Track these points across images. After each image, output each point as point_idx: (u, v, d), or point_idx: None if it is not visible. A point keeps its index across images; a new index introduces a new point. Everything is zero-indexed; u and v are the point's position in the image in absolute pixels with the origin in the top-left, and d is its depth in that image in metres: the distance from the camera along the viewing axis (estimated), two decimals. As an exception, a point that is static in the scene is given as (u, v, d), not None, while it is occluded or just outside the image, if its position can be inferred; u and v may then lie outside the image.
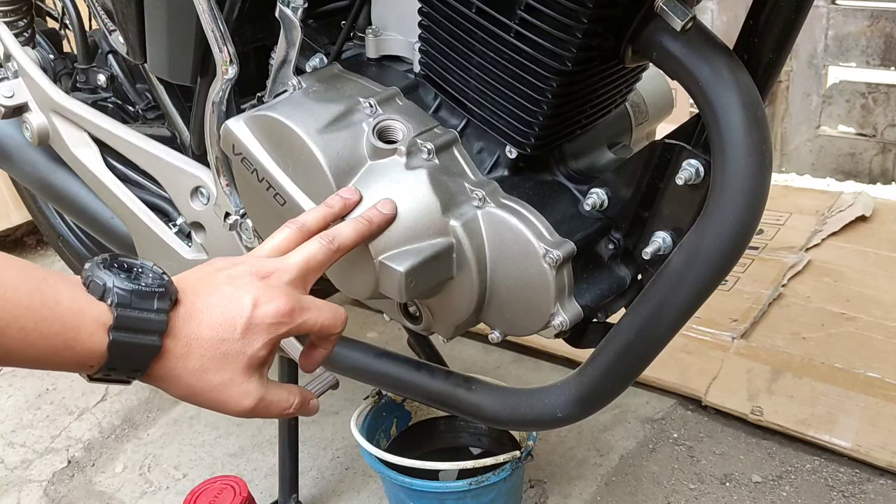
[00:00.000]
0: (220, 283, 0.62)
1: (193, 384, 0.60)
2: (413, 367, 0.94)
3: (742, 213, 0.66)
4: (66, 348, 0.54)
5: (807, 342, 1.48)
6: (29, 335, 0.53)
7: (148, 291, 0.57)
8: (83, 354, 0.55)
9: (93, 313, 0.55)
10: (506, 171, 0.81)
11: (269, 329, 0.61)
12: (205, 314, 0.60)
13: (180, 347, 0.59)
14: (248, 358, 0.61)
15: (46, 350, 0.54)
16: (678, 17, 0.66)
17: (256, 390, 0.62)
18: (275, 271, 0.64)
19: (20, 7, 1.25)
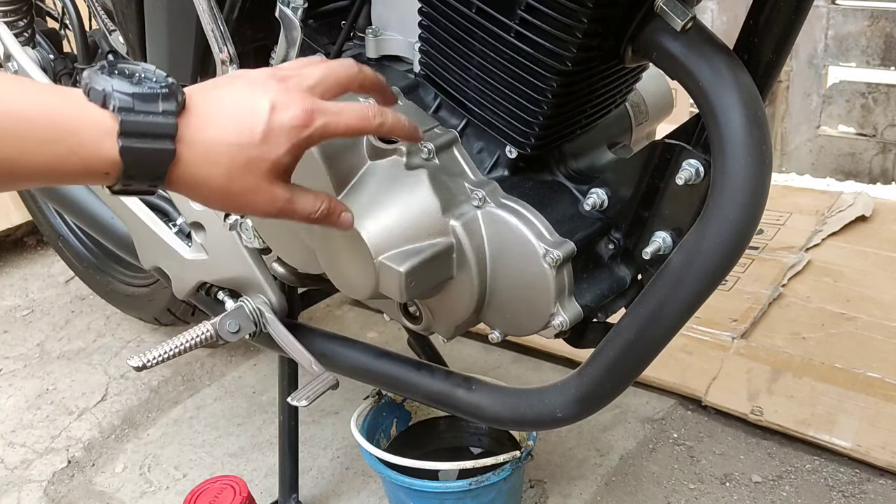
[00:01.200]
0: (235, 84, 0.60)
1: (219, 190, 0.59)
2: (413, 367, 0.94)
3: (742, 213, 0.66)
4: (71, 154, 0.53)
5: (807, 342, 1.48)
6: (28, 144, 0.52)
7: (151, 94, 0.54)
8: (91, 162, 0.54)
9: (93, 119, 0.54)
10: (506, 171, 0.81)
11: (289, 133, 0.59)
12: (222, 119, 0.58)
13: (198, 153, 0.57)
14: (271, 163, 0.59)
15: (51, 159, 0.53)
16: (678, 17, 0.66)
17: (282, 194, 0.62)
18: (294, 76, 0.62)
19: (20, 7, 1.25)
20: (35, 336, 1.83)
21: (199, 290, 1.08)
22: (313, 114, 0.60)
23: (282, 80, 0.61)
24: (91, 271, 1.77)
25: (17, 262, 2.16)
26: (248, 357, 1.68)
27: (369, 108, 0.65)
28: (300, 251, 0.90)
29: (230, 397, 1.57)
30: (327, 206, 0.66)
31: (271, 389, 1.57)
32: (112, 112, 0.54)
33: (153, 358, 0.95)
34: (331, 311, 1.82)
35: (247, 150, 0.58)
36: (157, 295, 1.61)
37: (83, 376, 1.66)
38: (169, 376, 1.64)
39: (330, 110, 0.62)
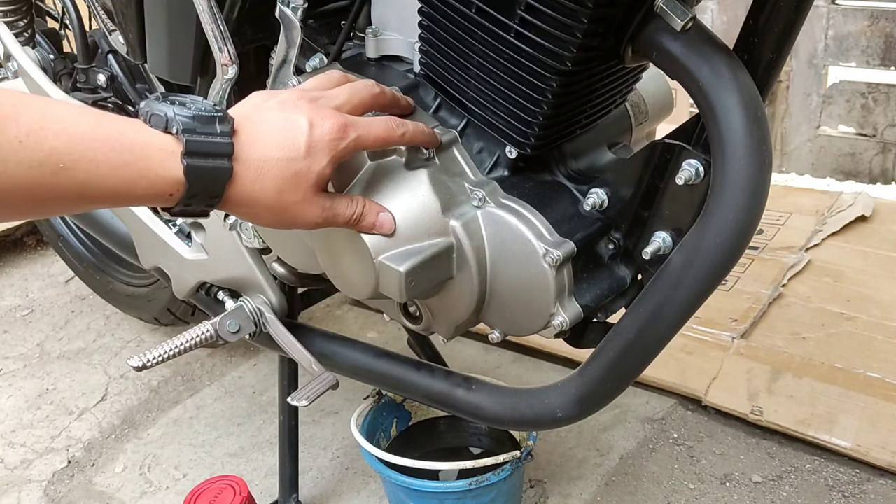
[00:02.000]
0: (271, 108, 0.65)
1: (272, 204, 0.64)
2: (413, 367, 0.94)
3: (742, 213, 0.66)
4: (141, 177, 0.56)
5: (807, 342, 1.48)
6: (100, 167, 0.54)
7: (209, 116, 0.59)
8: (159, 183, 0.57)
9: (159, 142, 0.57)
10: (506, 171, 0.80)
11: (329, 146, 0.64)
12: (267, 137, 0.62)
13: (252, 171, 0.61)
14: (316, 175, 0.64)
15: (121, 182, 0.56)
16: (678, 17, 0.66)
17: (325, 202, 0.67)
18: (322, 97, 0.68)
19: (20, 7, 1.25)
20: (35, 336, 1.83)
21: (199, 290, 1.09)
22: (347, 127, 0.66)
23: (312, 100, 0.66)
24: (91, 271, 1.77)
25: (17, 262, 2.16)
26: (248, 357, 1.68)
27: (392, 120, 0.71)
28: (300, 251, 0.90)
29: (230, 397, 1.57)
30: (362, 207, 0.71)
31: (271, 389, 1.57)
32: (175, 135, 0.58)
33: (153, 358, 0.95)
34: (331, 311, 1.82)
35: (294, 164, 0.63)
36: (157, 295, 1.61)
37: (83, 376, 1.66)
38: (169, 376, 1.64)
39: (361, 124, 0.67)
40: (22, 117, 0.52)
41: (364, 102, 0.71)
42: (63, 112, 0.54)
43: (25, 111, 0.52)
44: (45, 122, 0.53)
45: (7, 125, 0.51)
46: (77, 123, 0.54)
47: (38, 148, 0.52)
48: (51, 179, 0.53)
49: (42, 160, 0.52)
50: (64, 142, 0.53)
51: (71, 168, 0.53)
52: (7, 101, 0.52)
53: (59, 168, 0.53)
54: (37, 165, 0.52)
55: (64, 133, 0.53)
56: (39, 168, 0.52)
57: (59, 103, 0.56)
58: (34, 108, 0.53)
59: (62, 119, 0.54)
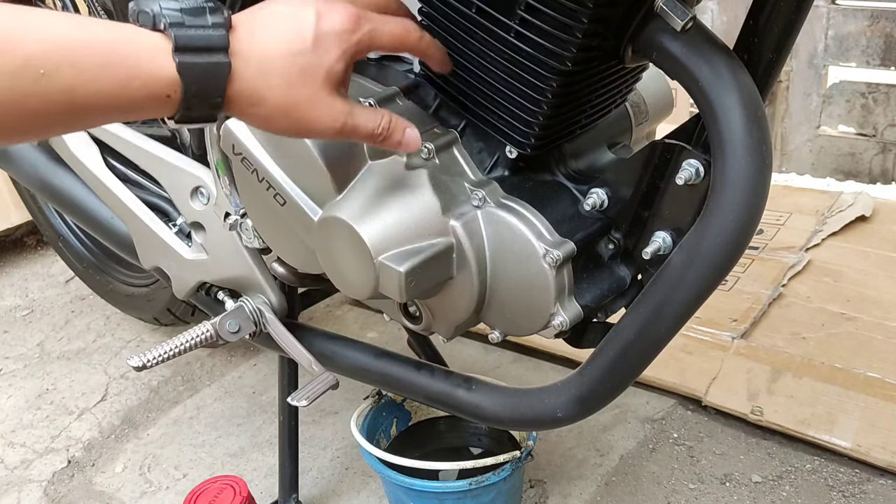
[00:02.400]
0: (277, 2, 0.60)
1: (281, 102, 0.59)
2: (413, 367, 0.94)
3: (742, 213, 0.66)
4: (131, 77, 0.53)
5: (807, 342, 1.48)
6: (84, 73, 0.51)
7: (198, 7, 0.55)
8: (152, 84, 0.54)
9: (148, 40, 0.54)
10: (506, 171, 0.81)
11: (339, 38, 0.60)
12: (269, 29, 0.58)
13: (253, 66, 0.57)
14: (325, 71, 0.59)
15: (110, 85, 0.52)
16: (678, 17, 0.66)
17: (343, 107, 0.62)
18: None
19: (20, 7, 1.25)
20: (35, 336, 1.83)
21: (199, 290, 1.09)
22: (360, 19, 0.61)
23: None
24: (91, 271, 1.77)
25: (17, 262, 2.16)
26: (248, 357, 1.68)
27: (410, 22, 0.66)
28: (300, 251, 0.90)
29: (230, 397, 1.57)
30: (388, 121, 0.65)
31: (271, 389, 1.57)
32: (164, 31, 0.54)
33: (153, 358, 0.95)
34: (331, 311, 1.82)
35: (300, 57, 0.58)
36: (157, 295, 1.61)
37: (83, 376, 1.66)
38: (169, 376, 1.64)
39: (375, 17, 0.63)
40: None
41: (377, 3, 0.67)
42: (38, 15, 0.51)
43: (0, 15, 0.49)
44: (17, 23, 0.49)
45: None
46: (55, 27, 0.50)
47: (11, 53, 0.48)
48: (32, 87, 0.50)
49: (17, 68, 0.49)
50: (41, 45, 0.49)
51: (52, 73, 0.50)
52: None
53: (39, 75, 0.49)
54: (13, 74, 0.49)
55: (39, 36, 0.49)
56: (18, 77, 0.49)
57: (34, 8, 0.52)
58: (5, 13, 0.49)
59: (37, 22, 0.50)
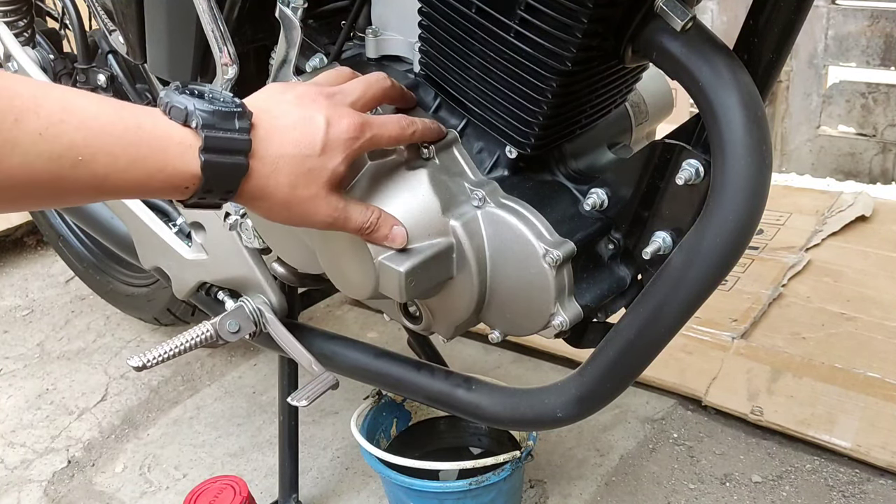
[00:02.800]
0: (289, 102, 0.65)
1: (285, 199, 0.64)
2: (413, 367, 0.94)
3: (742, 213, 0.66)
4: (158, 171, 0.56)
5: (807, 342, 1.48)
6: (118, 161, 0.54)
7: (228, 112, 0.59)
8: (176, 177, 0.57)
9: (178, 136, 0.57)
10: (506, 171, 0.80)
11: (345, 145, 0.65)
12: (285, 133, 0.63)
13: (267, 166, 0.62)
14: (329, 173, 0.65)
15: (139, 175, 0.56)
16: (678, 17, 0.66)
17: (338, 203, 0.67)
18: (338, 92, 0.69)
19: (20, 7, 1.25)
20: (35, 336, 1.83)
21: (199, 290, 1.09)
22: (363, 126, 0.67)
23: (329, 96, 0.67)
24: (91, 271, 1.77)
25: (17, 262, 2.16)
26: (248, 357, 1.68)
27: (403, 118, 0.72)
28: (300, 251, 0.90)
29: (230, 397, 1.57)
30: (377, 217, 0.71)
31: (271, 389, 1.57)
32: (195, 129, 0.57)
33: (153, 358, 0.95)
34: (331, 311, 1.82)
35: (308, 160, 0.64)
36: (157, 295, 1.61)
37: (83, 376, 1.66)
38: (169, 376, 1.64)
39: (375, 123, 0.68)
40: (42, 109, 0.52)
41: (377, 97, 0.73)
42: (83, 103, 0.54)
43: (46, 103, 0.52)
44: (65, 114, 0.52)
45: (27, 117, 0.51)
46: (97, 116, 0.54)
47: (57, 141, 0.52)
48: (69, 172, 0.53)
49: (61, 153, 0.52)
50: (83, 135, 0.53)
51: (89, 161, 0.53)
52: (28, 91, 0.52)
53: (77, 161, 0.53)
54: (56, 158, 0.52)
55: (83, 126, 0.53)
56: (58, 161, 0.52)
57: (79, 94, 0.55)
58: (54, 100, 0.53)
59: (82, 111, 0.53)
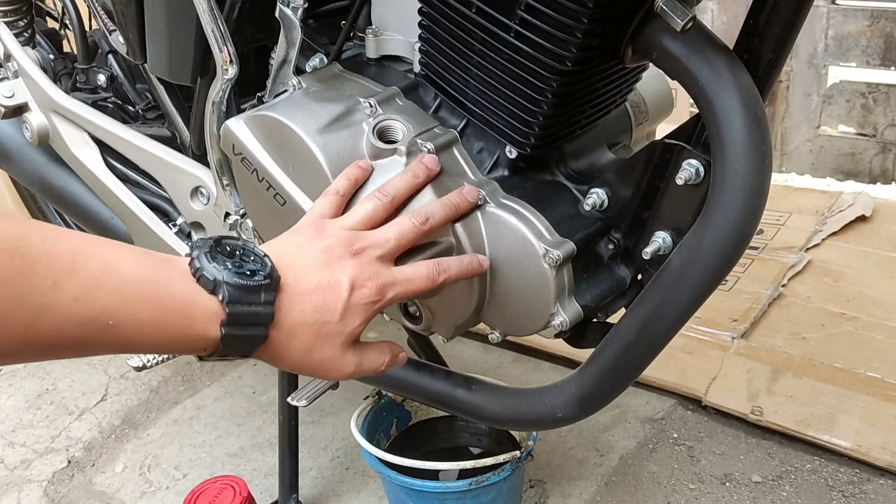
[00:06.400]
0: (316, 260, 0.64)
1: (297, 362, 0.64)
2: (413, 367, 0.94)
3: (742, 213, 0.66)
4: (181, 336, 0.56)
5: (807, 342, 1.48)
6: (145, 326, 0.54)
7: (255, 286, 0.59)
8: (197, 342, 0.58)
9: (204, 305, 0.57)
10: (506, 171, 0.81)
11: (366, 308, 0.65)
12: (307, 300, 0.62)
13: (284, 333, 0.61)
14: (346, 336, 0.64)
15: (162, 339, 0.56)
16: (678, 17, 0.66)
17: (353, 359, 0.66)
18: (368, 247, 0.67)
19: (20, 7, 1.25)
20: (35, 336, 1.82)
21: (199, 291, 1.08)
22: (385, 288, 0.66)
23: (357, 253, 0.66)
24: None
25: (17, 262, 2.16)
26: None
27: (434, 267, 0.69)
28: (300, 251, 0.90)
29: (230, 397, 1.57)
30: (390, 357, 0.71)
31: (271, 389, 1.57)
32: (221, 302, 0.57)
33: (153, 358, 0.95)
34: (331, 311, 1.82)
35: (325, 326, 0.63)
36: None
37: (83, 376, 1.66)
38: (169, 376, 1.64)
39: (400, 280, 0.67)
40: (80, 273, 0.51)
41: (411, 242, 0.70)
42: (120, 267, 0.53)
43: (84, 267, 0.51)
44: (102, 279, 0.52)
45: (65, 282, 0.50)
46: (132, 281, 0.53)
47: (91, 307, 0.51)
48: (98, 335, 0.52)
49: (93, 318, 0.51)
50: (117, 301, 0.52)
51: (119, 326, 0.53)
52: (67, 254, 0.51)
53: (107, 325, 0.52)
54: (87, 323, 0.51)
55: (118, 292, 0.52)
56: (89, 325, 0.52)
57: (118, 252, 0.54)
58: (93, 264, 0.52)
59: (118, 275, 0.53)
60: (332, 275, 0.64)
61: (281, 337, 0.61)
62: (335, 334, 0.64)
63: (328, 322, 0.63)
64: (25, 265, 0.48)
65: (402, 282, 0.67)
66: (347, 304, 0.64)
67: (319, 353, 0.64)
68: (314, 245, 0.66)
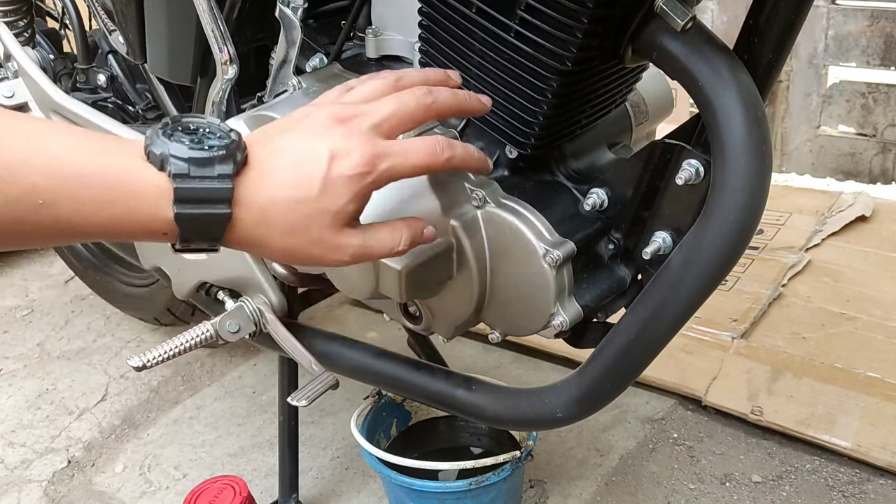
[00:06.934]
0: (293, 129, 0.57)
1: (281, 247, 0.57)
2: (413, 367, 0.94)
3: (742, 213, 0.66)
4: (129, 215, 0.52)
5: (807, 342, 1.48)
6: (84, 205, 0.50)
7: (207, 157, 0.52)
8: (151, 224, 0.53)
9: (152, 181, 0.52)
10: (506, 171, 0.81)
11: (350, 182, 0.56)
12: (277, 174, 0.55)
13: (255, 214, 0.55)
14: (332, 215, 0.57)
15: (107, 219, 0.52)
16: (678, 17, 0.66)
17: (350, 241, 0.59)
18: (358, 115, 0.59)
19: (20, 7, 1.25)
20: (35, 336, 1.83)
21: (199, 290, 1.08)
22: (375, 159, 0.57)
23: (345, 120, 0.58)
24: (91, 271, 1.77)
25: (17, 262, 2.16)
26: (248, 357, 1.68)
27: (437, 142, 0.62)
28: (300, 251, 0.90)
29: (230, 397, 1.57)
30: (409, 233, 0.63)
31: (271, 389, 1.57)
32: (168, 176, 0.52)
33: (153, 358, 0.95)
34: (331, 311, 1.82)
35: (304, 205, 0.56)
36: (156, 295, 1.61)
37: (83, 376, 1.66)
38: (169, 376, 1.64)
39: (395, 152, 0.59)
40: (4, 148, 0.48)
41: (413, 117, 0.61)
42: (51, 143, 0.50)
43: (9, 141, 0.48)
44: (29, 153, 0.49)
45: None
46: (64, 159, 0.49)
47: (17, 183, 0.48)
48: (30, 216, 0.49)
49: (20, 196, 0.48)
50: (47, 177, 0.49)
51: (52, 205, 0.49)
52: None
53: (38, 205, 0.49)
54: (14, 201, 0.48)
55: (48, 168, 0.49)
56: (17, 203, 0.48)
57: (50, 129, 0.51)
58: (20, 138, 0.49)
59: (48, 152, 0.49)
60: (311, 144, 0.56)
61: (251, 217, 0.54)
62: (318, 213, 0.56)
63: (304, 199, 0.55)
64: None
65: (397, 153, 0.58)
66: (326, 176, 0.55)
67: (304, 234, 0.56)
68: (297, 119, 0.58)
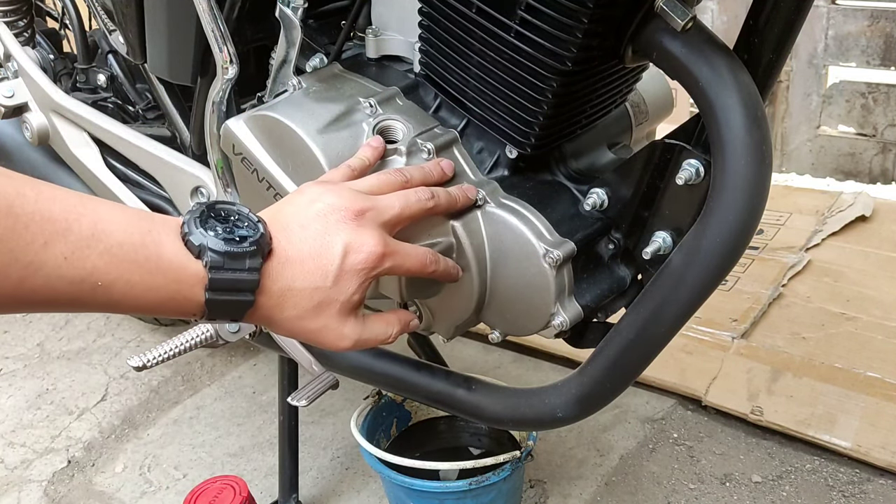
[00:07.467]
0: (311, 221, 0.63)
1: (291, 329, 0.63)
2: (413, 367, 0.94)
3: (742, 213, 0.66)
4: (170, 300, 0.57)
5: (807, 342, 1.48)
6: (135, 288, 0.55)
7: (240, 252, 0.57)
8: (185, 306, 0.58)
9: (192, 270, 0.57)
10: (506, 171, 0.81)
11: (360, 274, 0.63)
12: (297, 265, 0.61)
13: (274, 300, 0.60)
14: (340, 304, 0.63)
15: (152, 301, 0.56)
16: (678, 16, 0.66)
17: (352, 331, 0.65)
18: (369, 210, 0.65)
19: (20, 7, 1.25)
20: (35, 336, 1.83)
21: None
22: (383, 257, 0.64)
23: (357, 215, 0.64)
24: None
25: (17, 262, 2.16)
26: (248, 357, 1.68)
27: (429, 255, 0.69)
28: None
29: (230, 397, 1.57)
30: (398, 329, 0.70)
31: (271, 389, 1.57)
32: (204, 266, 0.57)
33: (153, 358, 0.95)
34: (331, 311, 1.82)
35: (318, 293, 0.61)
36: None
37: (83, 376, 1.66)
38: (169, 376, 1.64)
39: (398, 253, 0.65)
40: (72, 233, 0.51)
41: (414, 217, 0.69)
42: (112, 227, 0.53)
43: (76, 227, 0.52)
44: (92, 240, 0.52)
45: (56, 242, 0.50)
46: (122, 244, 0.54)
47: (80, 266, 0.52)
48: (87, 295, 0.53)
49: (83, 278, 0.52)
50: (106, 262, 0.53)
51: (108, 287, 0.53)
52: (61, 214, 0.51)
53: (96, 286, 0.53)
54: (77, 282, 0.52)
55: (108, 253, 0.53)
56: (79, 284, 0.52)
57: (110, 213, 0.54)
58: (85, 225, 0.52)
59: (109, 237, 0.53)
60: (327, 238, 0.62)
61: (270, 303, 0.60)
62: (329, 302, 0.62)
63: (320, 288, 0.61)
64: (19, 223, 0.49)
65: (399, 254, 0.65)
66: (341, 268, 0.62)
67: (313, 321, 0.62)
68: (315, 204, 0.64)
